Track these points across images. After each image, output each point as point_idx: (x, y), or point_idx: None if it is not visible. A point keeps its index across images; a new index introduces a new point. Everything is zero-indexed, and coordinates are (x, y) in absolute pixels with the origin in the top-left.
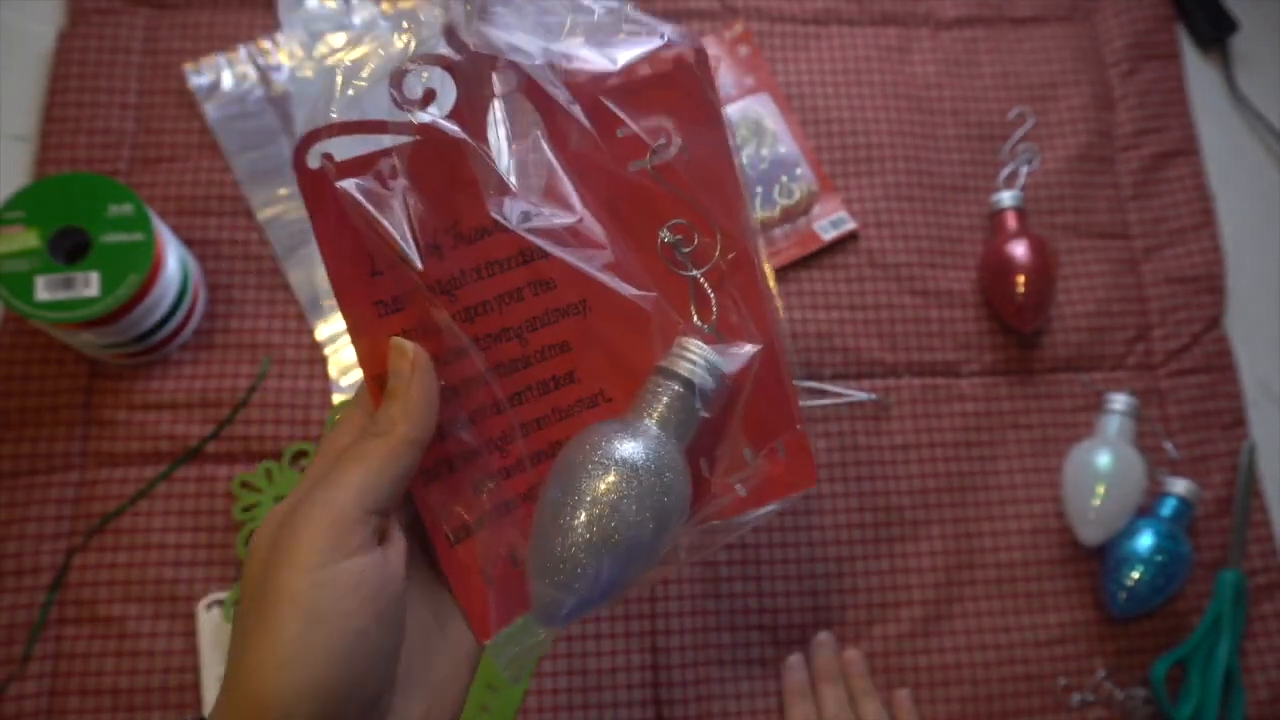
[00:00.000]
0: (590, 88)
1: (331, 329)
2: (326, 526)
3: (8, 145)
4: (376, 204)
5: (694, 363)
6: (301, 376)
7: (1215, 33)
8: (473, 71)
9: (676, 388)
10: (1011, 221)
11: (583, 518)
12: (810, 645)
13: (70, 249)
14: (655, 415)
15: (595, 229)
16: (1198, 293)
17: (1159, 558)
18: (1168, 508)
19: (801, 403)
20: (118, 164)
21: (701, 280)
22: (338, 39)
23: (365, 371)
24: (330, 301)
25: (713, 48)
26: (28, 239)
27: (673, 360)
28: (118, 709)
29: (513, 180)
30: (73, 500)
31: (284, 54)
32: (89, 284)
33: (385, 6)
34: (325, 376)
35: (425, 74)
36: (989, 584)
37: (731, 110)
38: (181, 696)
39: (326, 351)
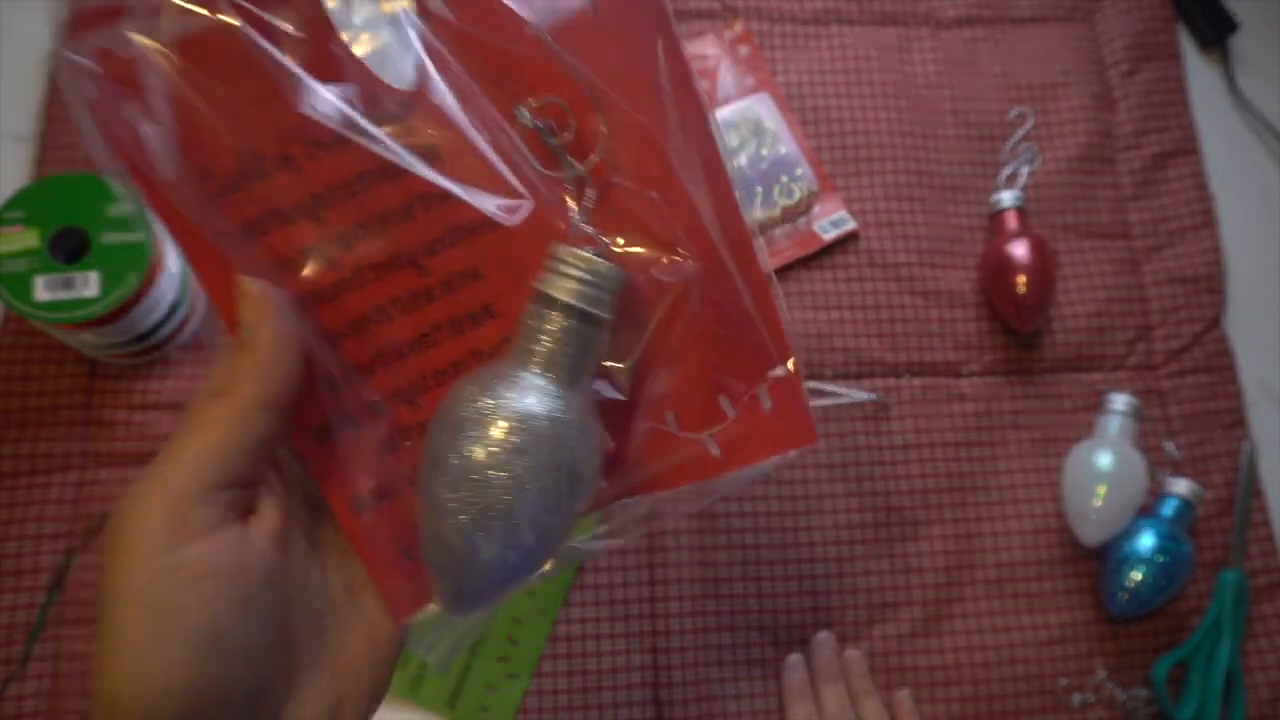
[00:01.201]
0: None
1: None
2: (163, 508)
3: (8, 145)
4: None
5: (569, 275)
6: None
7: (1215, 33)
8: None
9: (556, 314)
10: (1012, 221)
11: (455, 491)
12: (810, 645)
13: (70, 249)
14: (534, 354)
15: (448, 108)
16: (1198, 293)
17: (1160, 558)
18: (1169, 508)
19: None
20: None
21: (582, 172)
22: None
23: (223, 316)
24: None
25: (712, 48)
26: (27, 239)
27: (544, 279)
28: None
29: (359, 58)
30: (73, 500)
31: None
32: (88, 284)
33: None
34: None
35: None
36: (989, 584)
37: (731, 110)
38: None
39: None
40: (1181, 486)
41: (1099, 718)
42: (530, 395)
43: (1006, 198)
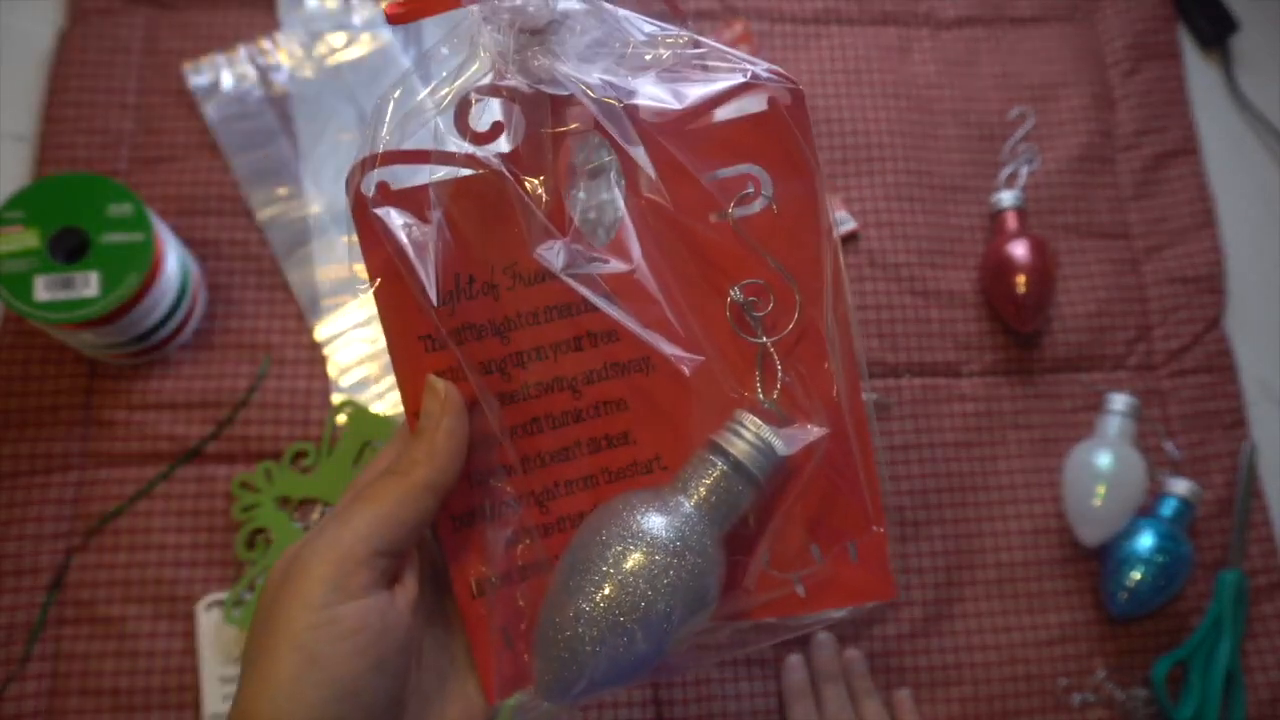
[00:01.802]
0: (674, 127)
1: (331, 329)
2: (331, 565)
3: (8, 145)
4: (416, 238)
5: (746, 440)
6: (301, 376)
7: (1215, 32)
8: (538, 105)
9: (722, 466)
10: (1012, 222)
11: (590, 593)
12: (810, 645)
13: (70, 249)
14: (694, 493)
15: (649, 280)
16: (1198, 293)
17: (1160, 558)
18: (1168, 508)
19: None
20: (117, 164)
21: (771, 349)
22: (338, 39)
23: (406, 407)
24: (330, 301)
25: None
26: (27, 239)
27: (723, 435)
28: (118, 709)
29: (575, 221)
30: (72, 500)
31: (284, 54)
32: (88, 284)
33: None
34: (325, 376)
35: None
36: (989, 584)
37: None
38: (181, 697)
39: (326, 351)
40: (1181, 486)
41: (1099, 718)
42: (680, 526)
43: (1006, 198)
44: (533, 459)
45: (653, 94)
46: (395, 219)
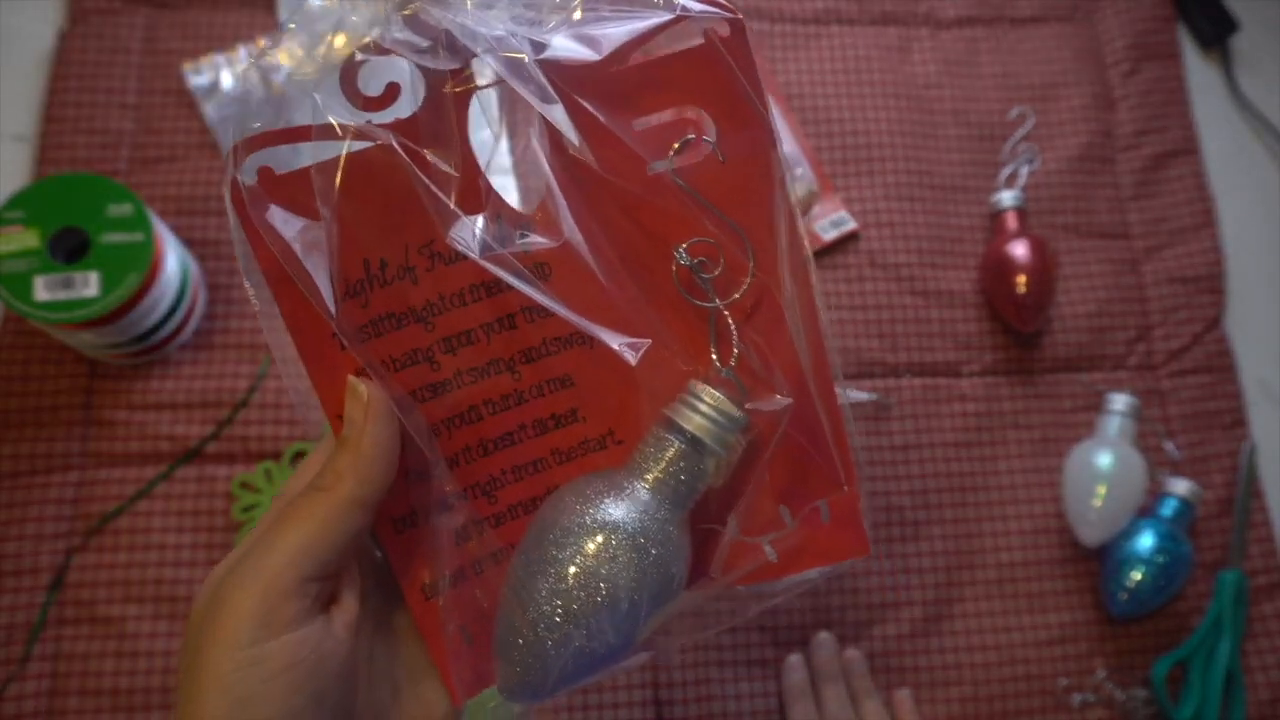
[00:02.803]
0: (594, 76)
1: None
2: (256, 599)
3: (8, 145)
4: (311, 227)
5: (703, 414)
6: (301, 376)
7: (1215, 33)
8: (438, 64)
9: (678, 443)
10: (1012, 221)
11: (545, 588)
12: (810, 645)
13: (70, 249)
14: (650, 474)
15: (583, 251)
16: (1198, 293)
17: (1160, 558)
18: (1168, 508)
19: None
20: (117, 164)
21: (725, 313)
22: (339, 39)
23: (327, 411)
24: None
25: None
26: (27, 239)
27: (677, 409)
28: (117, 709)
29: (493, 192)
30: (72, 500)
31: (284, 54)
32: (88, 284)
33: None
34: None
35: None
36: (989, 584)
37: None
38: None
39: None
40: (1181, 487)
41: (1099, 718)
42: (637, 511)
43: (1006, 198)
44: (475, 448)
45: (566, 45)
46: (282, 209)
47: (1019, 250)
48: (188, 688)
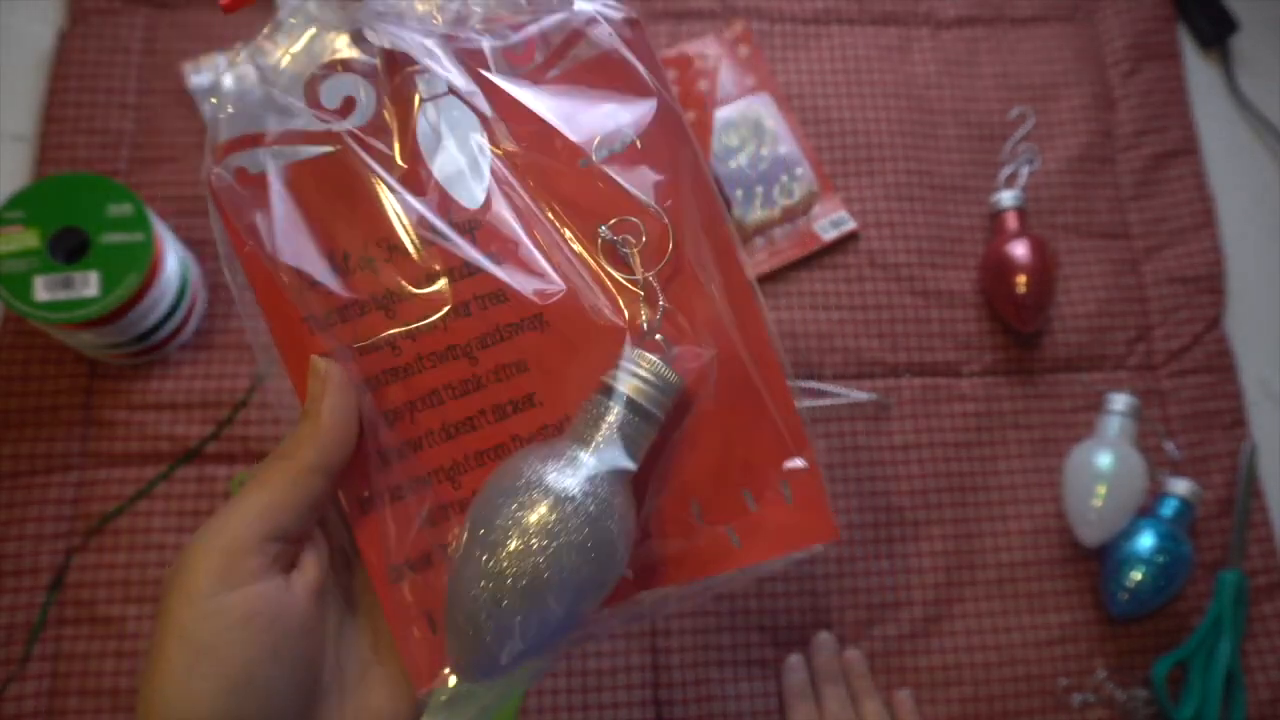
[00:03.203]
0: (526, 79)
1: None
2: (217, 554)
3: (8, 145)
4: (282, 221)
5: (634, 375)
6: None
7: (1215, 33)
8: (385, 73)
9: (614, 406)
10: (1012, 221)
11: (487, 564)
12: (810, 645)
13: (70, 249)
14: (589, 439)
15: (507, 221)
16: (1198, 293)
17: (1160, 558)
18: (1168, 508)
19: (802, 403)
20: (117, 164)
21: (652, 281)
22: (340, 40)
23: (296, 389)
24: None
25: (712, 48)
26: (27, 239)
27: (611, 375)
28: (117, 709)
29: (437, 184)
30: (72, 500)
31: (284, 54)
32: (88, 284)
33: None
34: None
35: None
36: (989, 584)
37: (731, 110)
38: None
39: None
40: (1181, 487)
41: (1099, 718)
42: (578, 478)
43: (1006, 198)
44: (437, 432)
45: (485, 44)
46: (256, 205)
47: (1019, 250)
48: (154, 639)
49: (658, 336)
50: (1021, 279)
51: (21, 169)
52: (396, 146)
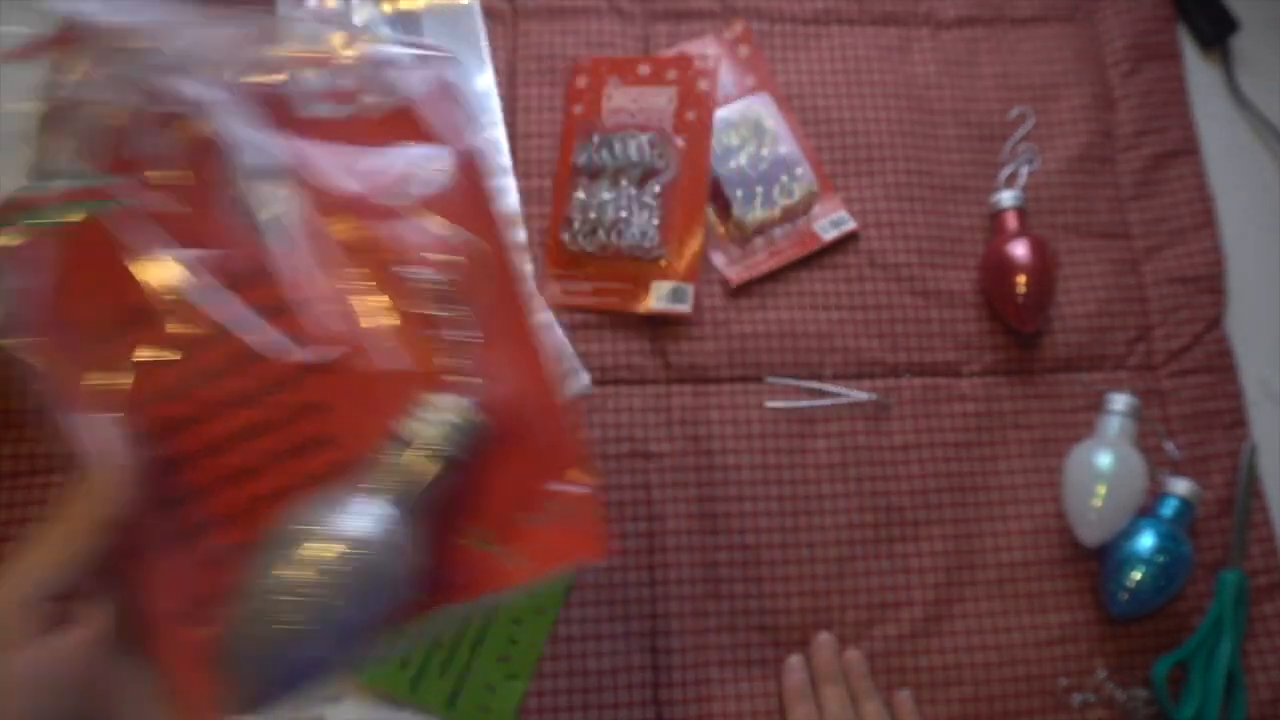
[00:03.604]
0: (328, 127)
1: None
2: None
3: (8, 145)
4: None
5: (435, 424)
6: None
7: (1215, 32)
8: (160, 124)
9: (412, 454)
10: (1012, 221)
11: (267, 600)
12: (810, 646)
13: None
14: (385, 486)
15: (303, 268)
16: (1198, 293)
17: (1160, 558)
18: (1169, 508)
19: (802, 403)
20: None
21: (449, 322)
22: (339, 39)
23: (78, 445)
24: None
25: (712, 48)
26: None
27: (409, 424)
28: None
29: (232, 233)
30: None
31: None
32: None
33: (385, 7)
34: None
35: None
36: (989, 584)
37: (731, 110)
38: None
39: None
40: (1181, 486)
41: (1099, 718)
42: (366, 521)
43: (1006, 198)
44: (226, 477)
45: (286, 93)
46: (31, 265)
47: (1019, 250)
48: None
49: (454, 377)
50: (1021, 279)
51: (21, 169)
52: (185, 199)
